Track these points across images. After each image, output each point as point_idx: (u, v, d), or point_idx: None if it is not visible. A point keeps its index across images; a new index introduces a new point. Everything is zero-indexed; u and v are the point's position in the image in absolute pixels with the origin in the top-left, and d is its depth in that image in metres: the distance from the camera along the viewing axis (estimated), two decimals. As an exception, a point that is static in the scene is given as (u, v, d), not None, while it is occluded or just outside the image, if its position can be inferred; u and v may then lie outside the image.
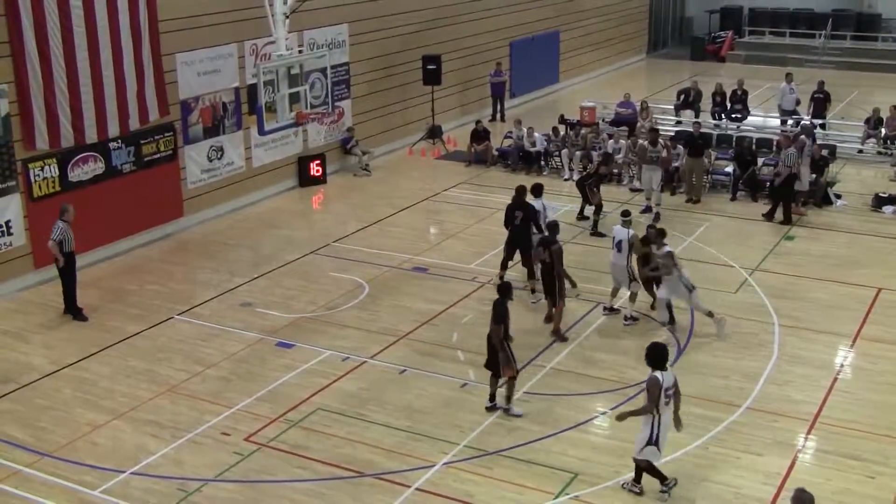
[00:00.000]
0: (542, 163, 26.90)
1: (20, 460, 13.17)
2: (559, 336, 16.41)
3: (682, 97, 31.24)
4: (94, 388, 15.19)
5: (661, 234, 16.79)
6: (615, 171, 25.16)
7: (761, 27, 47.64)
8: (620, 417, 12.12)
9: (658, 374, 11.58)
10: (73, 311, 17.88)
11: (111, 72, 20.21)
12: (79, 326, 17.41)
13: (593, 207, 21.80)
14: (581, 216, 22.47)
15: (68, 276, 17.79)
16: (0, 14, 18.24)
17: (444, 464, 12.88)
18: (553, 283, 16.53)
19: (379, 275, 19.31)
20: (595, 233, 21.45)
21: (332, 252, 20.84)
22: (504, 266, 18.73)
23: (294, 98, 19.22)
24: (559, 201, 23.89)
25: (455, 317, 17.43)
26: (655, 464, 11.98)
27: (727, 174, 24.69)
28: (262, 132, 20.02)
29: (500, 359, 13.84)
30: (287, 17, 19.21)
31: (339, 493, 12.33)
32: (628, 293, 17.20)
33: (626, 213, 17.46)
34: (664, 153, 23.22)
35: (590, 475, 12.55)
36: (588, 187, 21.85)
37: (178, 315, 17.77)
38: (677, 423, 12.02)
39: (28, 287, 19.11)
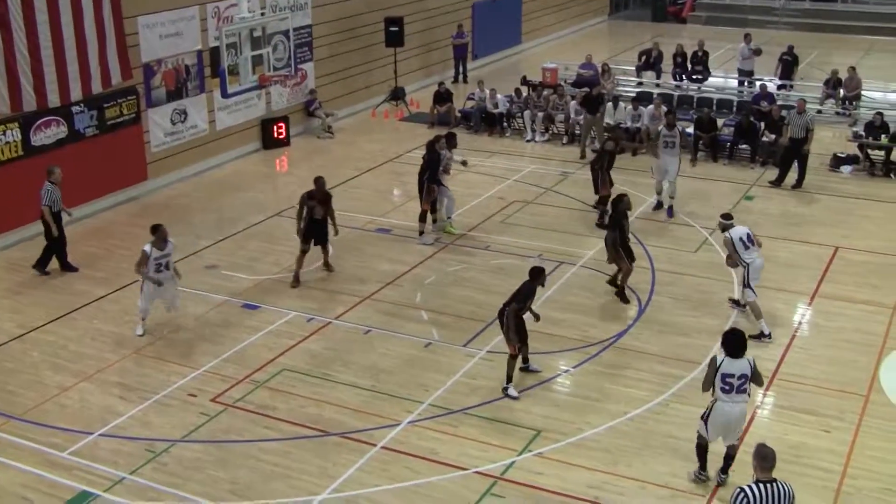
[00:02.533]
0: (505, 124, 27.02)
1: (-12, 423, 13.27)
2: None
3: (644, 58, 31.41)
4: (61, 351, 15.25)
5: None
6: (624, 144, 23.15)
7: (722, -12, 47.66)
8: None
9: (721, 355, 11.25)
10: (66, 267, 18.10)
11: (72, 34, 20.04)
12: (45, 290, 17.41)
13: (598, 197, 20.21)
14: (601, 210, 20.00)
15: (59, 238, 17.93)
16: (-42, -23, 18.08)
17: (409, 422, 13.08)
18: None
19: (343, 236, 19.38)
20: (601, 224, 19.33)
21: (295, 214, 20.84)
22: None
23: (257, 61, 19.28)
24: (521, 162, 24.10)
25: (419, 277, 17.60)
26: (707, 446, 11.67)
27: (688, 135, 24.90)
28: (225, 95, 20.03)
29: (506, 335, 13.63)
30: (249, -21, 19.19)
31: (305, 452, 12.51)
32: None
33: (726, 216, 16.12)
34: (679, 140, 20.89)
35: (553, 432, 12.80)
36: (601, 172, 19.92)
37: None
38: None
39: (-7, 252, 19.11)
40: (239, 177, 23.73)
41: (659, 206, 20.79)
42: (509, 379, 13.67)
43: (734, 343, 11.15)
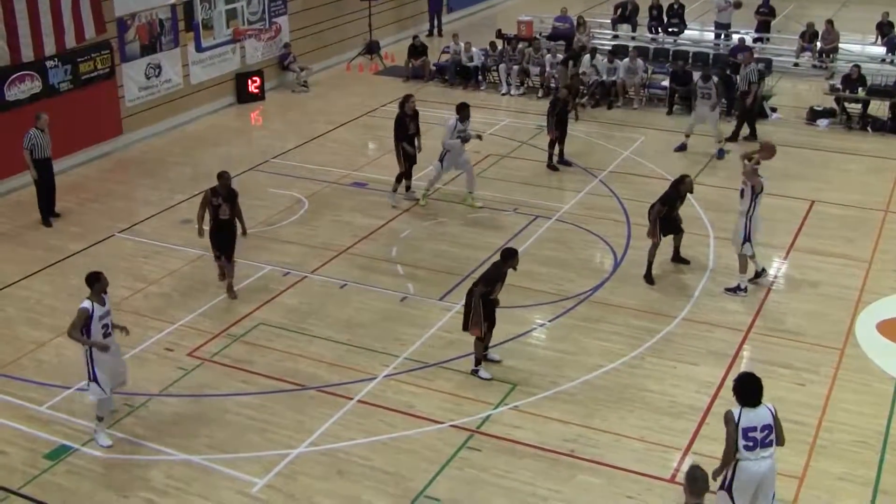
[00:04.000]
0: (480, 78, 26.94)
1: (-35, 379, 13.27)
2: None
3: (619, 11, 31.31)
4: (37, 306, 15.24)
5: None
6: (582, 91, 23.82)
7: (699, -61, 47.43)
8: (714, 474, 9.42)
9: (737, 409, 9.39)
10: (44, 216, 18.07)
11: (45, -12, 19.85)
12: (19, 245, 17.36)
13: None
14: (556, 162, 20.63)
15: (40, 183, 17.93)
16: (-74, -72, 17.81)
17: (385, 376, 13.16)
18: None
19: (318, 190, 19.39)
20: (552, 166, 20.44)
21: (271, 168, 20.84)
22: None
23: (231, 14, 19.12)
24: (496, 116, 24.06)
25: (394, 231, 17.62)
26: None
27: (663, 88, 24.94)
28: (199, 49, 19.88)
29: (470, 316, 12.85)
30: (222, -69, 18.98)
31: (281, 405, 12.59)
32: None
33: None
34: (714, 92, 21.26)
35: (528, 386, 12.91)
36: (549, 117, 20.40)
37: (119, 233, 17.77)
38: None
39: (-35, 207, 18.99)
40: (214, 131, 23.61)
41: (682, 147, 21.46)
42: (478, 361, 13.20)
43: (750, 390, 9.41)
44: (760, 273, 15.73)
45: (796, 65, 27.95)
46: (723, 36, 30.00)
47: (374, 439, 11.92)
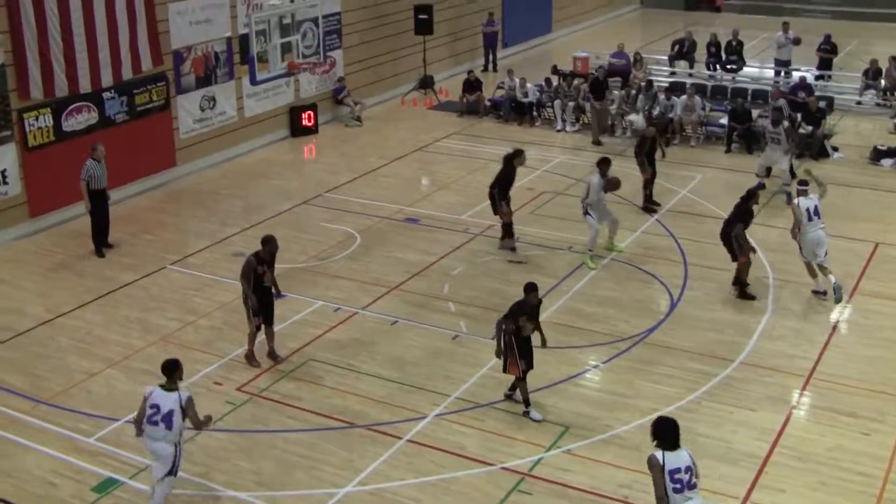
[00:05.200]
0: (535, 114, 26.81)
1: (17, 407, 13.30)
2: None
3: (677, 48, 31.11)
4: (88, 336, 15.26)
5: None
6: (671, 132, 23.59)
7: (758, -24, 47.13)
8: None
9: (659, 452, 9.40)
10: (98, 247, 18.18)
11: (104, 21, 20.09)
12: (73, 275, 17.45)
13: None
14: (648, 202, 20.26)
15: (95, 214, 18.02)
16: (-7, -37, 18.11)
17: (436, 415, 12.96)
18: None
19: (371, 225, 19.30)
20: (648, 207, 20.03)
21: (323, 202, 20.81)
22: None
23: (286, 48, 19.18)
24: (551, 152, 23.88)
25: (446, 268, 17.45)
26: None
27: (721, 126, 24.64)
28: (254, 82, 19.96)
29: (501, 355, 12.78)
30: (280, -34, 19.09)
31: (330, 443, 12.42)
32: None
33: (802, 183, 16.59)
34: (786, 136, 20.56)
35: (581, 429, 12.64)
36: (639, 157, 20.02)
37: (170, 265, 17.79)
38: None
39: (23, 236, 19.17)
40: (266, 164, 23.67)
41: (760, 186, 20.04)
42: (527, 402, 12.87)
43: (670, 433, 9.41)
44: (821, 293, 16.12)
45: (859, 103, 27.48)
46: (783, 73, 29.64)
47: (423, 480, 11.71)
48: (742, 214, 16.04)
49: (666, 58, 31.27)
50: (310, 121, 25.77)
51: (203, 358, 14.46)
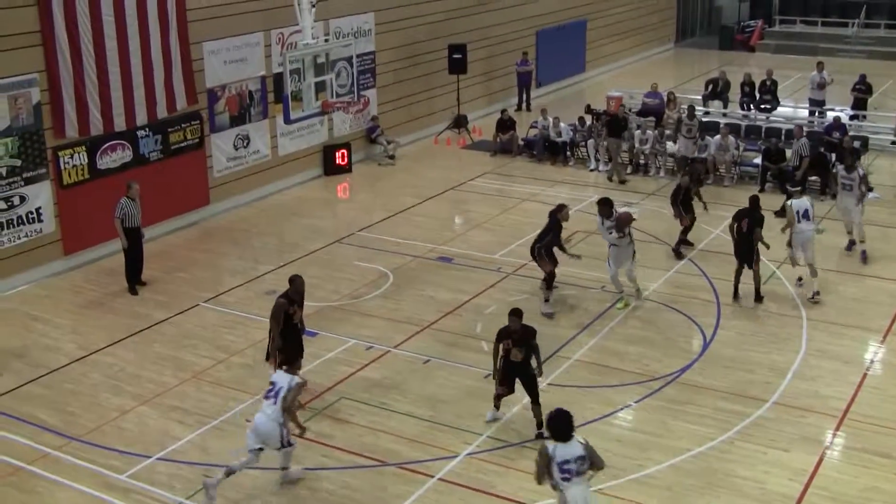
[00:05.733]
0: (568, 153, 26.81)
1: (49, 443, 13.34)
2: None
3: (711, 87, 31.04)
4: (121, 373, 15.32)
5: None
6: (704, 176, 23.31)
7: (792, 16, 47.10)
8: None
9: (552, 444, 10.10)
10: (131, 285, 18.31)
11: (139, 60, 20.33)
12: (106, 313, 17.57)
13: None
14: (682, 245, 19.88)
15: (129, 252, 18.18)
16: (31, 4, 18.39)
17: (467, 454, 12.88)
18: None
19: (403, 264, 19.31)
20: (678, 252, 19.64)
21: (356, 241, 20.87)
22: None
23: (320, 87, 19.28)
24: (584, 192, 23.85)
25: (479, 307, 17.41)
26: None
27: (755, 166, 24.52)
28: (287, 121, 20.09)
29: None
30: (313, 5, 19.25)
31: (361, 481, 12.36)
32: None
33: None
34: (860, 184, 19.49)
35: (613, 468, 12.43)
36: (674, 206, 19.69)
37: (203, 302, 17.87)
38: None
39: (57, 273, 19.33)
40: (300, 203, 23.79)
41: (851, 245, 19.78)
42: (540, 424, 12.95)
43: (561, 427, 10.05)
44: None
45: (894, 143, 27.27)
46: (817, 113, 29.51)
47: (454, 520, 11.62)
48: (758, 221, 17.11)
49: (699, 97, 31.19)
50: (343, 159, 25.91)
51: (235, 395, 14.47)
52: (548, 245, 17.21)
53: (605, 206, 17.33)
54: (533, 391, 13.24)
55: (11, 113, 18.29)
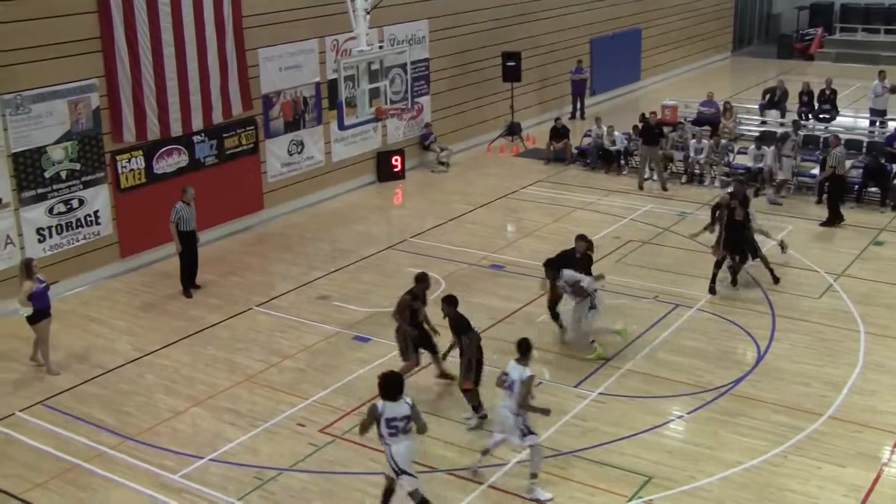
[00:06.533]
0: (622, 162, 26.68)
1: (105, 442, 13.55)
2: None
3: (768, 97, 30.75)
4: (175, 375, 15.48)
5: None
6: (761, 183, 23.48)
7: (853, 24, 46.34)
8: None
9: (381, 402, 10.98)
10: (186, 288, 18.53)
11: (196, 66, 20.57)
12: (161, 315, 17.77)
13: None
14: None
15: (184, 255, 18.39)
16: (92, 11, 18.67)
17: (518, 462, 12.83)
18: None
19: (455, 271, 19.32)
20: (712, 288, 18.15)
21: (409, 247, 20.92)
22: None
23: (374, 93, 19.35)
24: (638, 201, 23.72)
25: (530, 315, 17.36)
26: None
27: (812, 176, 24.22)
28: (342, 127, 20.21)
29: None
30: (368, 13, 19.35)
31: (412, 487, 12.38)
32: None
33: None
34: None
35: (663, 479, 12.41)
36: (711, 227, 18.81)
37: (256, 306, 18.01)
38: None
39: (114, 276, 19.61)
40: (353, 209, 23.88)
41: None
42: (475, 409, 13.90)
43: (391, 387, 11.02)
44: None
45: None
46: (878, 123, 29.10)
47: (503, 528, 11.59)
48: (750, 217, 17.91)
49: (757, 107, 30.93)
50: (397, 166, 25.99)
51: (287, 399, 14.56)
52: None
53: (547, 267, 16.15)
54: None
55: (72, 118, 18.59)
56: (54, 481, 12.66)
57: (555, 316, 16.52)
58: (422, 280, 14.79)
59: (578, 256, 16.22)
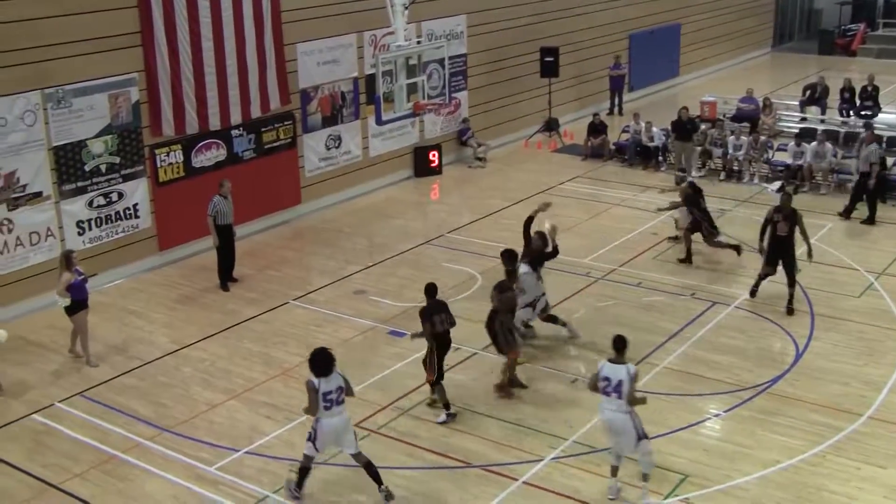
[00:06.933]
0: (660, 158, 26.53)
1: (141, 433, 13.67)
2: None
3: (808, 93, 30.48)
4: (211, 368, 15.58)
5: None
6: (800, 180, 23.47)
7: (897, 19, 45.88)
8: None
9: (315, 379, 11.43)
10: (223, 281, 18.63)
11: (235, 61, 20.67)
12: (198, 308, 17.88)
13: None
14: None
15: (221, 249, 18.50)
16: (132, 6, 18.82)
17: (552, 458, 12.81)
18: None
19: (492, 267, 19.22)
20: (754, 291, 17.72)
21: (445, 243, 20.91)
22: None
23: (412, 88, 19.32)
24: (676, 197, 23.51)
25: (567, 311, 17.26)
26: (310, 465, 11.98)
27: (850, 174, 23.95)
28: (379, 122, 20.18)
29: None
30: (406, 7, 19.29)
31: (445, 482, 12.38)
32: None
33: None
34: None
35: (700, 478, 12.33)
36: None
37: (293, 300, 18.07)
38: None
39: (153, 268, 19.78)
40: (390, 203, 23.92)
41: None
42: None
43: (322, 363, 11.44)
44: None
45: None
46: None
47: (537, 524, 11.57)
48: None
49: (797, 103, 30.65)
50: (434, 161, 26.00)
51: (322, 393, 14.60)
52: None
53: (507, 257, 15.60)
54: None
55: (111, 111, 18.75)
56: (93, 471, 12.80)
57: (552, 318, 16.33)
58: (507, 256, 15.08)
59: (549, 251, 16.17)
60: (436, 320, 13.70)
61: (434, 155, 26.03)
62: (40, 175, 17.82)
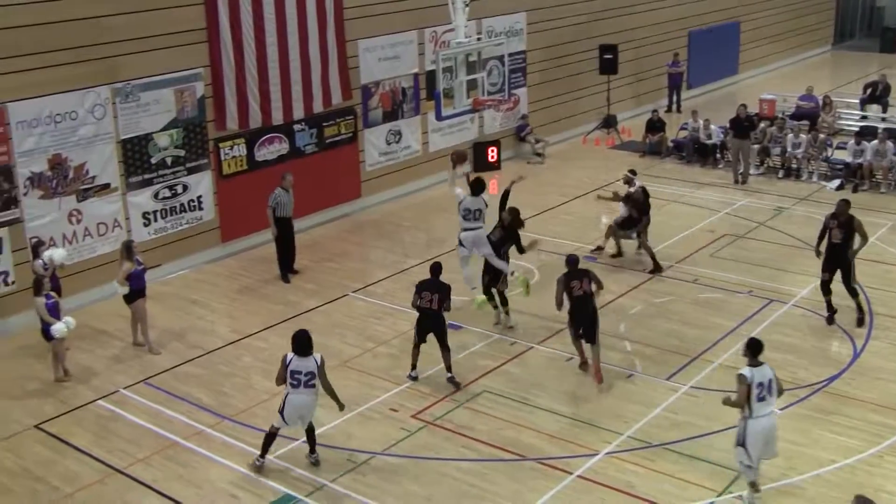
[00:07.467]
0: (718, 155, 26.43)
1: (203, 421, 13.96)
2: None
3: (869, 91, 30.19)
4: (272, 357, 15.71)
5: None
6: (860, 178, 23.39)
7: (961, 18, 45.12)
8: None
9: (290, 355, 12.26)
10: (283, 273, 18.90)
11: (298, 57, 20.96)
12: (259, 299, 18.18)
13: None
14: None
15: (280, 240, 18.81)
16: (199, 2, 19.19)
17: (607, 453, 12.91)
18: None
19: (549, 261, 19.38)
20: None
21: (502, 238, 21.00)
22: None
23: (471, 85, 19.46)
24: (733, 195, 23.50)
25: (623, 307, 17.37)
26: (276, 433, 12.58)
27: (912, 174, 23.77)
28: (439, 117, 20.42)
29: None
30: (467, 5, 19.42)
31: (500, 474, 12.52)
32: None
33: None
34: None
35: (755, 474, 12.38)
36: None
37: (352, 292, 18.32)
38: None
39: (215, 260, 20.13)
40: (449, 199, 23.84)
41: None
42: (448, 369, 14.71)
43: (299, 343, 12.22)
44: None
45: None
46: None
47: (591, 517, 11.68)
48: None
49: (857, 101, 30.35)
50: (493, 157, 26.13)
51: (380, 384, 14.83)
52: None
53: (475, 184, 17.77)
54: (443, 340, 14.63)
55: (177, 105, 19.13)
56: (155, 457, 13.11)
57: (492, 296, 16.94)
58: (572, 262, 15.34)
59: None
60: (424, 296, 14.63)
61: (493, 150, 26.16)
62: (108, 167, 18.24)
